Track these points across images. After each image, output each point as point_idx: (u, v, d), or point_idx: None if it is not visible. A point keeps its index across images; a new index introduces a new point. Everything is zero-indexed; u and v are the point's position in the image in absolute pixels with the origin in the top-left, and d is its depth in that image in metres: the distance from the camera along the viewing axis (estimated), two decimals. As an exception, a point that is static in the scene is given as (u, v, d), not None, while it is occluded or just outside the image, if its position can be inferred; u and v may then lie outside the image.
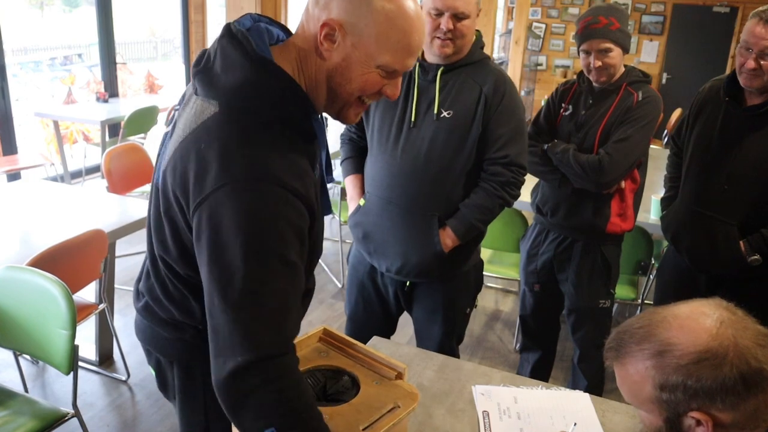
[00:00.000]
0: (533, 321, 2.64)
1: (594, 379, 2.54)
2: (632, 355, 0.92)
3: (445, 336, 2.11)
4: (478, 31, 1.92)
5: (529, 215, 2.71)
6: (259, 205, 0.97)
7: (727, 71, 2.06)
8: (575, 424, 1.36)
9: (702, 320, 0.89)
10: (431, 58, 1.91)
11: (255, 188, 0.97)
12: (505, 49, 8.86)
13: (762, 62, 1.86)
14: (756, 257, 1.99)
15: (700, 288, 2.17)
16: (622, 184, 2.25)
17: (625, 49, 2.17)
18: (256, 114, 1.03)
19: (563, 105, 2.34)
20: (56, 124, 5.34)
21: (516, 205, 3.12)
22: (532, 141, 2.34)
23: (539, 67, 9.23)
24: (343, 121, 1.16)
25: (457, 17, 1.79)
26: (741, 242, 2.01)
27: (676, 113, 6.69)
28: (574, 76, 2.37)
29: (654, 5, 8.41)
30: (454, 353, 2.15)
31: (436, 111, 1.87)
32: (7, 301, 2.00)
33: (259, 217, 0.97)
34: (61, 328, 1.88)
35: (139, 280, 1.33)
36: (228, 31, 1.06)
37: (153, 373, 1.36)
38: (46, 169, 4.97)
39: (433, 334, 2.11)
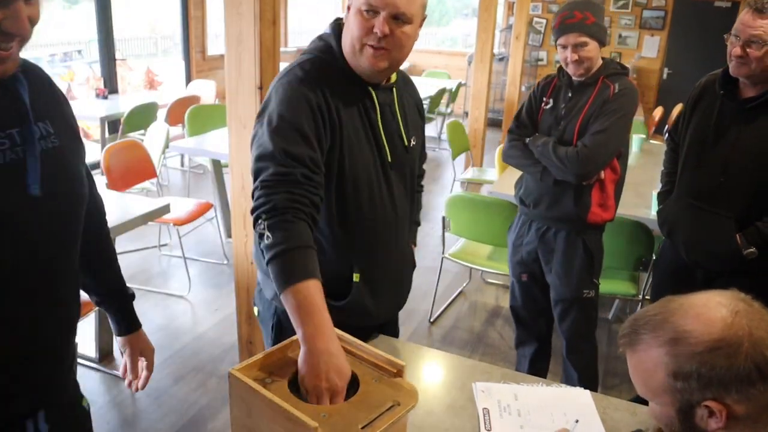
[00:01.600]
0: (525, 311, 2.66)
1: (585, 371, 2.55)
2: (646, 342, 0.92)
3: None
4: None
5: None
6: None
7: (728, 66, 2.06)
8: (577, 421, 1.36)
9: (717, 310, 0.90)
10: (365, 73, 1.43)
11: None
12: (505, 44, 8.84)
13: (748, 50, 1.86)
14: (752, 250, 1.99)
15: (696, 282, 2.17)
16: (602, 174, 2.29)
17: (601, 43, 2.23)
18: None
19: (544, 99, 2.39)
20: (56, 120, 5.32)
21: (511, 198, 3.12)
22: (515, 135, 2.41)
23: (540, 63, 9.21)
24: None
25: (397, 19, 1.34)
26: (737, 235, 2.02)
27: (677, 108, 6.67)
28: None
29: (655, 0, 8.38)
30: None
31: (406, 143, 1.54)
32: (6, 299, 1.99)
33: None
34: (60, 326, 1.87)
35: None
36: None
37: None
38: (45, 165, 4.96)
39: None
